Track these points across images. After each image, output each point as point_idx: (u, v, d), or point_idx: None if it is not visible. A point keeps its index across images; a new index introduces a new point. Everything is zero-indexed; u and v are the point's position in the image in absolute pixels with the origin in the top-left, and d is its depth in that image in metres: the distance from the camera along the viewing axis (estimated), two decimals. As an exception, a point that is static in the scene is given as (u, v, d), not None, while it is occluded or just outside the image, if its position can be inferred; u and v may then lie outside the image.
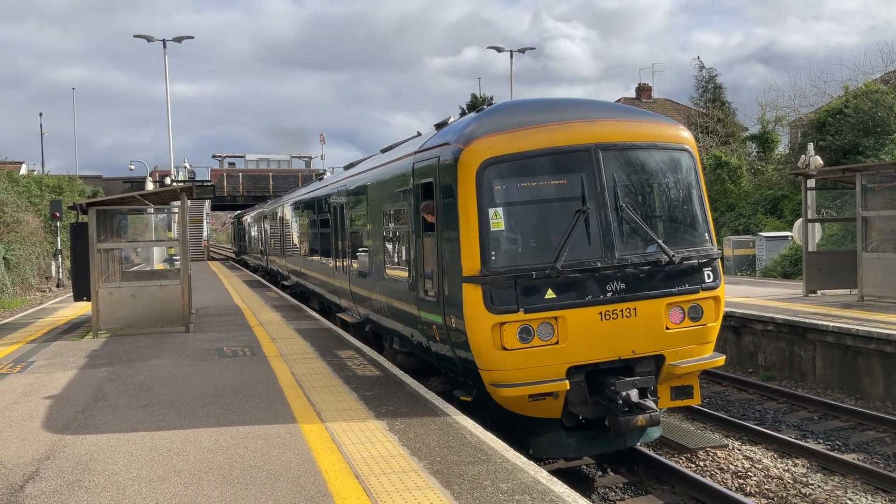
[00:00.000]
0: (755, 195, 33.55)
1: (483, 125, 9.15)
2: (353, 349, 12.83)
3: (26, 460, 7.22)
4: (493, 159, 8.77)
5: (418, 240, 10.24)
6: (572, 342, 8.67)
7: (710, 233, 9.60)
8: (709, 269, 9.29)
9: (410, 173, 10.53)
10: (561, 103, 9.83)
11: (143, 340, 14.47)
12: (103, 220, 16.31)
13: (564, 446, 9.34)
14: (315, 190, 20.68)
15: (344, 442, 7.46)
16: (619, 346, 8.87)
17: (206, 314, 18.65)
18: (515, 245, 8.90)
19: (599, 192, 8.92)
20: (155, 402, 9.45)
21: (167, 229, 34.59)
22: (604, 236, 8.86)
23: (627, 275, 8.85)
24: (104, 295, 15.11)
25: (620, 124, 9.36)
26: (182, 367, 11.71)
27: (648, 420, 8.79)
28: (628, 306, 8.84)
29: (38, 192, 40.59)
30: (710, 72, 43.64)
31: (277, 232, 29.04)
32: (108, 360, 12.47)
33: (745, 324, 16.67)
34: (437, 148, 9.72)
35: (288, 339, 14.10)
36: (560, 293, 8.64)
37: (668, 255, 8.97)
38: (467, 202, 8.77)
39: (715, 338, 9.56)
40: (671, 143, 9.53)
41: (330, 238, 17.10)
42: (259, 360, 12.00)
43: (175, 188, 17.86)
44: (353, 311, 15.11)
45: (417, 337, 10.69)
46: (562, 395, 8.77)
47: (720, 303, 9.42)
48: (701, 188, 9.67)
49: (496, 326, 8.52)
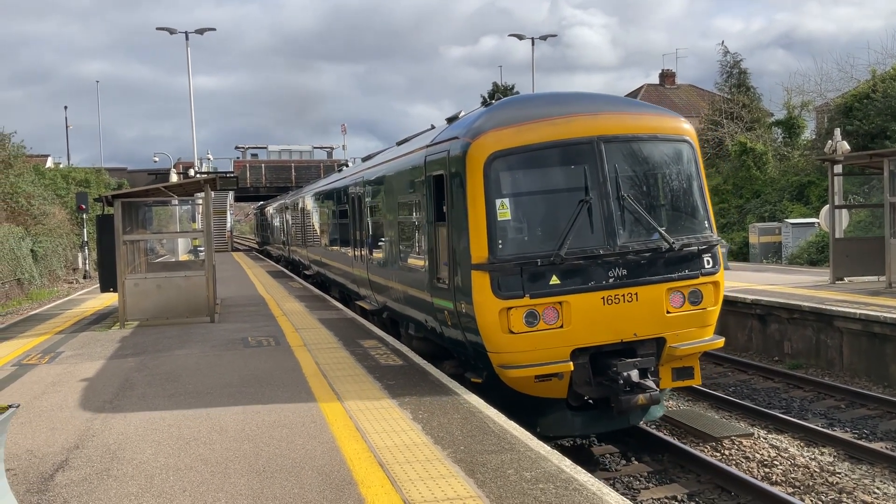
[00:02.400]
0: (781, 181, 33.19)
1: (490, 120, 9.64)
2: (377, 339, 12.90)
3: (56, 449, 7.34)
4: (499, 152, 9.28)
5: (431, 230, 10.73)
6: (576, 326, 9.18)
7: (710, 220, 10.01)
8: (708, 255, 9.74)
9: (423, 166, 11.04)
10: (565, 97, 10.32)
11: (168, 331, 14.60)
12: (129, 211, 16.47)
13: (570, 425, 9.83)
14: (334, 181, 21.18)
15: (368, 431, 7.51)
16: (621, 329, 9.34)
17: (231, 304, 18.78)
18: (521, 234, 9.41)
19: (602, 183, 9.40)
20: (181, 391, 9.55)
21: (191, 220, 34.78)
22: (606, 225, 9.34)
23: (629, 261, 9.32)
24: (130, 286, 15.26)
25: (622, 117, 9.83)
26: (207, 356, 11.80)
27: (649, 399, 9.22)
28: (630, 291, 9.33)
29: (65, 184, 41.08)
30: (735, 57, 43.09)
31: (298, 222, 29.75)
32: (134, 351, 12.60)
33: (771, 312, 16.54)
34: (447, 142, 10.22)
35: (311, 329, 14.17)
36: (564, 279, 9.16)
37: (668, 243, 9.42)
38: (475, 193, 9.29)
39: (715, 321, 9.94)
40: (672, 134, 9.97)
41: (348, 228, 17.62)
42: (283, 350, 12.05)
43: (199, 180, 17.99)
44: (372, 299, 15.61)
45: (431, 322, 11.14)
46: (566, 376, 9.27)
47: (720, 288, 9.83)
48: (701, 178, 10.05)
49: (503, 311, 9.05)
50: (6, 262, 27.75)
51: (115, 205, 14.99)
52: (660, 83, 72.62)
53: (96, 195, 32.48)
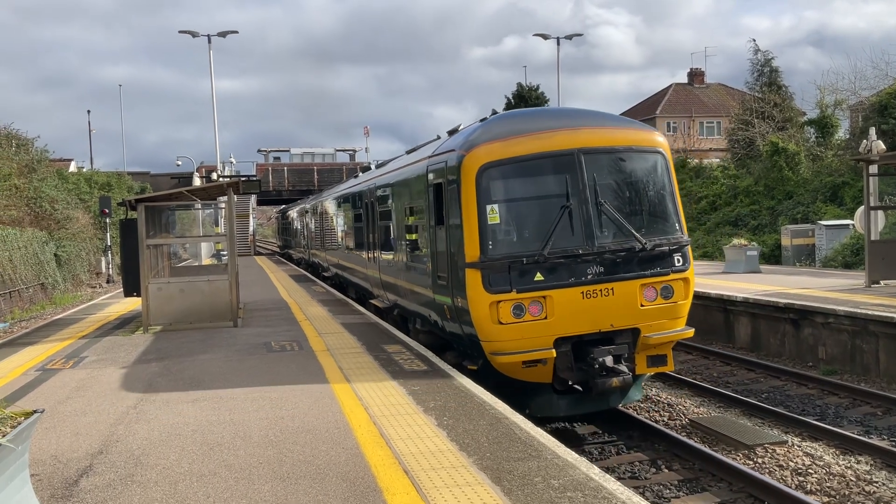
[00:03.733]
0: (814, 182, 32.81)
1: (483, 134, 11.13)
2: (400, 343, 12.96)
3: (80, 454, 7.42)
4: (490, 163, 10.74)
5: (433, 233, 12.13)
6: (558, 317, 10.56)
7: (681, 223, 11.35)
8: (678, 254, 11.12)
9: (425, 175, 12.53)
10: (551, 113, 12.45)
11: (192, 335, 14.72)
12: (152, 216, 16.67)
13: (556, 407, 11.25)
14: (349, 187, 22.61)
15: (392, 437, 7.52)
16: (599, 320, 10.73)
17: (254, 309, 18.90)
18: (510, 236, 10.86)
19: (582, 190, 10.81)
20: (205, 396, 9.63)
21: (214, 224, 35.00)
22: (585, 227, 10.76)
23: (605, 260, 10.72)
24: (153, 291, 15.42)
25: (601, 131, 11.26)
26: (231, 361, 11.91)
27: (622, 382, 10.67)
28: (606, 286, 10.73)
29: (88, 188, 41.58)
30: (766, 55, 42.67)
31: (317, 226, 30.83)
32: (158, 356, 12.71)
33: (805, 316, 16.35)
34: (445, 153, 11.74)
35: (335, 334, 14.26)
36: (547, 276, 10.56)
37: (641, 243, 10.80)
38: (469, 200, 10.75)
39: (685, 313, 11.27)
40: (646, 146, 11.35)
41: (362, 231, 18.93)
42: (306, 355, 12.15)
43: (222, 183, 18.21)
44: (384, 298, 16.95)
45: (434, 317, 12.51)
46: (550, 362, 10.62)
47: (689, 283, 11.21)
48: (673, 185, 11.41)
49: (493, 304, 10.46)
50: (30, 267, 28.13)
51: (139, 209, 15.18)
52: (688, 82, 72.17)
53: (119, 199, 32.84)
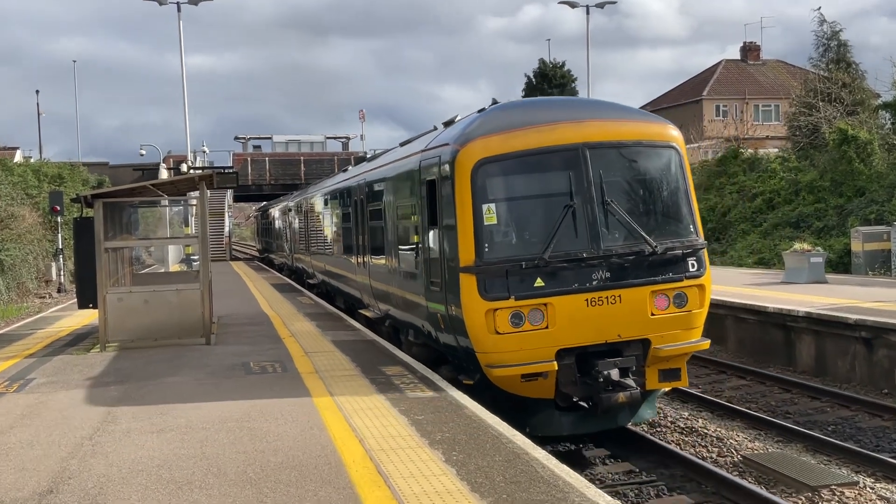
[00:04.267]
0: (890, 176, 32.68)
1: (480, 127, 11.76)
2: (402, 365, 13.03)
3: (26, 494, 7.43)
4: (486, 159, 11.34)
5: (426, 234, 12.77)
6: (560, 327, 11.15)
7: (696, 224, 11.96)
8: (693, 258, 11.69)
9: (418, 170, 13.20)
10: (555, 104, 13.57)
11: (157, 354, 14.76)
12: (111, 214, 16.56)
13: (557, 425, 11.83)
14: (337, 182, 23.29)
15: (392, 474, 7.53)
16: (606, 330, 11.30)
17: (230, 323, 19.01)
18: (508, 238, 11.53)
19: (586, 188, 11.39)
20: (172, 426, 9.66)
21: (183, 224, 35.17)
22: (590, 229, 11.33)
23: (612, 264, 11.28)
24: (113, 302, 15.40)
25: (608, 124, 11.88)
26: (203, 385, 11.96)
27: (629, 397, 11.22)
28: (613, 293, 11.29)
29: (36, 182, 41.71)
30: (833, 27, 42.51)
31: (302, 226, 31.50)
32: (118, 378, 12.74)
33: (880, 335, 16.29)
34: (439, 148, 12.38)
35: (324, 353, 14.32)
36: (548, 281, 11.14)
37: (651, 246, 11.34)
38: (463, 198, 11.35)
39: (701, 323, 11.88)
40: (657, 140, 11.97)
41: (351, 233, 19.68)
42: (291, 378, 12.19)
43: (193, 176, 18.19)
44: (374, 307, 17.74)
45: (427, 327, 13.22)
46: (552, 376, 11.22)
47: (705, 290, 11.81)
48: (687, 182, 11.99)
49: (490, 312, 11.07)
50: (-32, 274, 28.21)
51: (96, 206, 15.12)
52: (741, 58, 72.14)
53: (73, 194, 32.95)
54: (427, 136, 14.68)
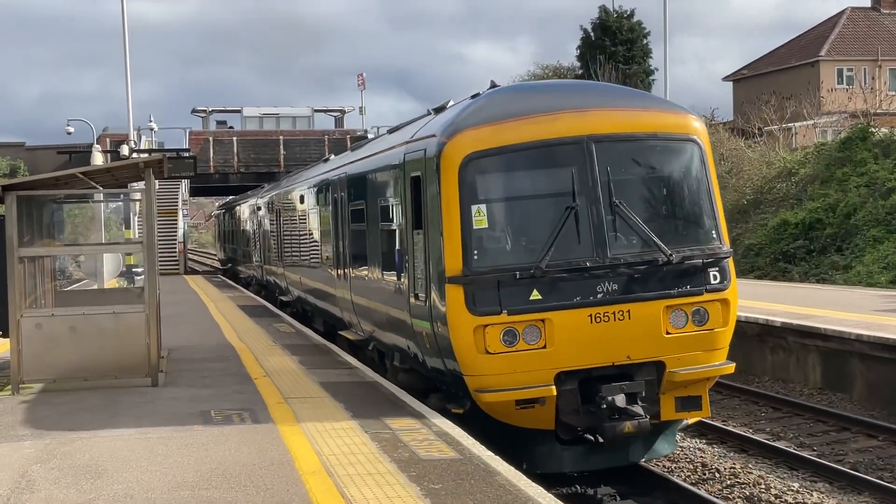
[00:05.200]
0: None
1: (470, 116, 13.09)
2: (412, 415, 13.04)
3: None
4: (476, 154, 12.59)
5: (410, 239, 14.06)
6: (560, 346, 12.36)
7: (720, 230, 13.22)
8: (715, 269, 12.92)
9: (402, 165, 14.57)
10: (557, 88, 15.38)
11: (88, 399, 14.68)
12: (28, 211, 16.45)
13: (558, 460, 13.11)
14: (315, 176, 24.95)
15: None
16: (613, 351, 12.54)
17: (185, 358, 18.91)
18: (500, 244, 12.84)
19: (591, 188, 12.65)
20: (108, 495, 9.55)
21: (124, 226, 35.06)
22: (595, 234, 12.57)
23: (620, 275, 12.55)
24: (29, 328, 15.30)
25: (617, 114, 13.19)
26: (149, 440, 11.88)
27: (637, 427, 12.34)
28: (621, 308, 12.51)
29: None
30: None
31: (273, 230, 32.96)
32: (35, 430, 12.71)
33: None
34: (424, 140, 13.69)
35: (309, 399, 14.35)
36: (546, 294, 12.36)
37: (666, 255, 12.59)
38: (450, 198, 12.54)
39: (726, 344, 13.20)
40: (675, 133, 13.30)
41: (329, 238, 21.27)
42: (265, 431, 12.14)
43: (137, 162, 18.06)
44: (357, 328, 19.25)
45: (413, 349, 14.55)
46: (550, 402, 12.45)
47: (730, 306, 13.05)
48: (710, 181, 13.27)
49: (479, 329, 12.29)
50: None
51: (7, 201, 15.08)
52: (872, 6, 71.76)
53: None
54: (416, 123, 16.18)
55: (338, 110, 72.94)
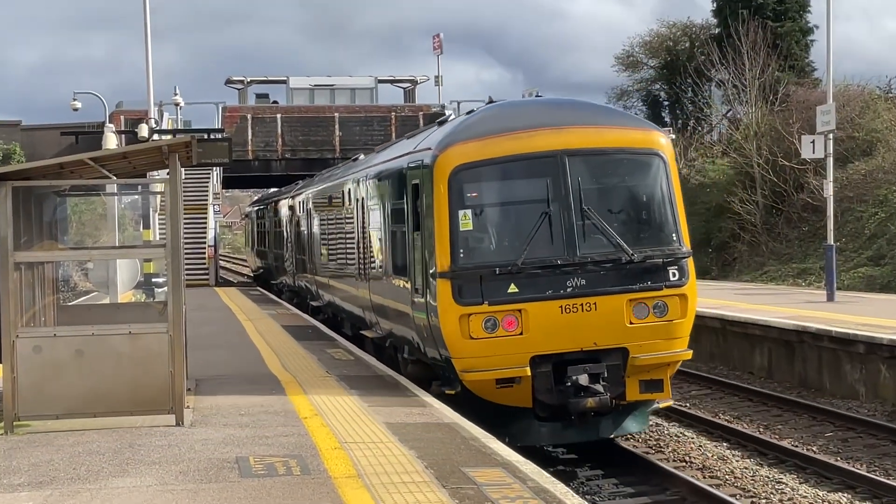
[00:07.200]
0: None
1: (461, 132, 16.70)
2: (501, 467, 12.52)
3: None
4: (463, 165, 16.03)
5: (412, 239, 17.46)
6: (534, 333, 15.70)
7: (680, 233, 16.39)
8: (674, 267, 16.11)
9: (406, 173, 18.10)
10: (537, 105, 19.01)
11: (97, 440, 14.21)
12: (25, 206, 15.98)
13: (536, 434, 16.57)
14: (348, 173, 26.84)
15: None
16: (581, 338, 15.79)
17: (216, 390, 18.46)
18: (483, 244, 16.37)
19: (564, 196, 15.93)
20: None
21: (141, 225, 33.69)
22: (566, 236, 15.85)
23: (588, 271, 15.78)
24: (26, 352, 14.55)
25: (589, 131, 16.60)
26: (172, 494, 11.38)
27: (598, 402, 15.50)
28: (588, 301, 15.75)
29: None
30: None
31: (305, 231, 34.05)
32: (32, 479, 12.24)
33: None
34: (422, 151, 17.28)
35: (373, 445, 13.74)
36: (523, 288, 15.67)
37: (628, 254, 15.79)
38: (440, 204, 15.95)
39: (685, 334, 16.51)
40: (641, 147, 16.69)
41: (353, 238, 24.26)
42: (317, 485, 11.66)
43: (159, 145, 18.08)
44: (377, 326, 22.30)
45: (416, 340, 17.82)
46: (525, 382, 15.77)
47: (688, 300, 16.31)
48: (673, 191, 16.47)
49: (464, 317, 15.64)
50: None
51: (1, 193, 14.26)
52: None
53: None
54: (423, 133, 20.05)
55: (408, 80, 66.91)
